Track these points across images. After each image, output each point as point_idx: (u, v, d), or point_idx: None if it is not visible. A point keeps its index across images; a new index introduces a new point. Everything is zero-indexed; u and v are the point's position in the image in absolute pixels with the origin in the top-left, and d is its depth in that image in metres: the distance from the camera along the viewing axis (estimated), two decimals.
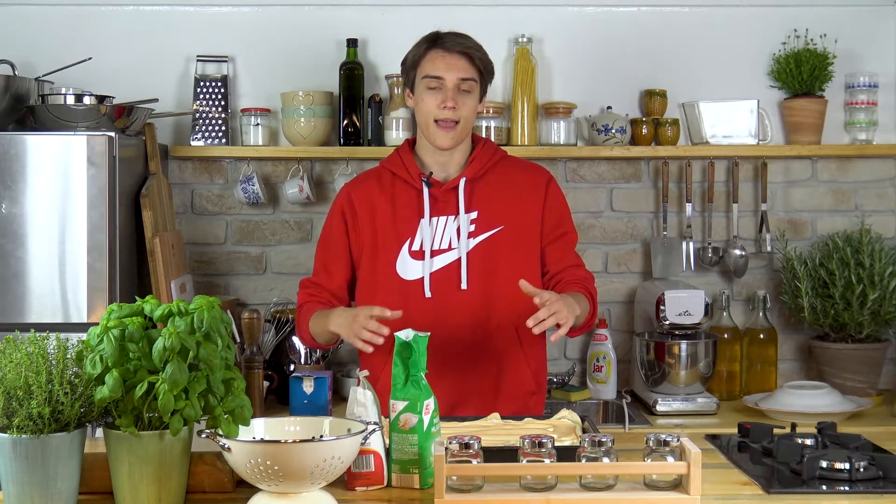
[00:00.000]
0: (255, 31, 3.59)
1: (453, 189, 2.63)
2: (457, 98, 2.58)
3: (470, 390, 2.59)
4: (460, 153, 2.67)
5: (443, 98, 2.57)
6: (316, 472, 1.76)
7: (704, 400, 3.27)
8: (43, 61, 3.36)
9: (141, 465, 1.79)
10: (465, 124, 2.61)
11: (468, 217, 2.62)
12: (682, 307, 3.29)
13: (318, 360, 3.31)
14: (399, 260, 2.62)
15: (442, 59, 2.59)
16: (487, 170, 2.67)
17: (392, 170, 2.68)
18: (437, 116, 2.58)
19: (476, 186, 2.65)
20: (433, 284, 2.59)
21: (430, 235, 2.61)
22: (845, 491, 1.96)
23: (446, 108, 2.57)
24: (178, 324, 1.80)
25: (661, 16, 3.61)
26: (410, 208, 2.64)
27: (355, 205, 2.67)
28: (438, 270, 2.60)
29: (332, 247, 2.71)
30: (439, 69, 2.59)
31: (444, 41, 2.61)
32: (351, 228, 2.68)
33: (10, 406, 1.75)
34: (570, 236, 2.71)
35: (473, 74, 2.61)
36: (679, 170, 3.59)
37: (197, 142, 3.52)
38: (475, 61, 2.61)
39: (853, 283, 3.32)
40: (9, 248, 2.98)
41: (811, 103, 3.52)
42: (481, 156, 2.67)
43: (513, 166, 2.72)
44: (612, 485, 1.87)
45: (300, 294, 2.73)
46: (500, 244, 2.62)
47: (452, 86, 2.58)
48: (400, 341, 2.01)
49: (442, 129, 2.59)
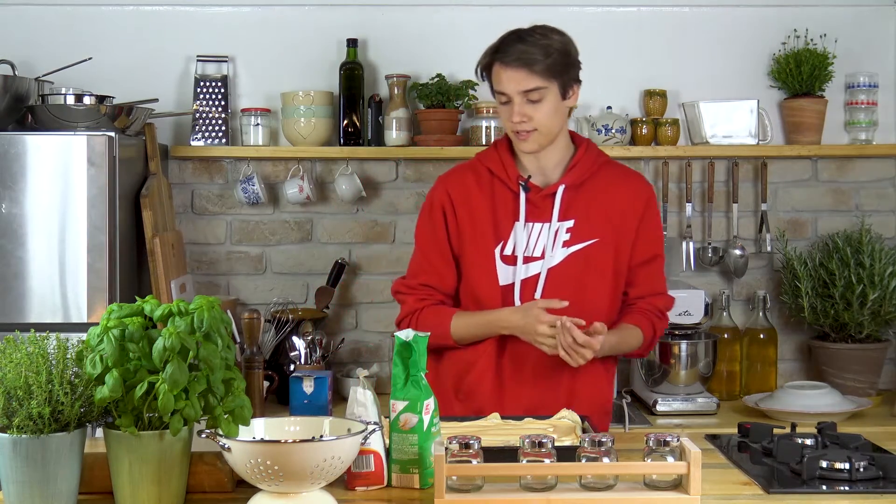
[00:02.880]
0: (255, 31, 3.59)
1: (550, 196, 2.54)
2: (524, 110, 2.46)
3: (545, 401, 2.51)
4: (557, 155, 2.57)
5: (510, 113, 2.49)
6: (316, 472, 1.76)
7: (704, 400, 3.27)
8: (43, 61, 3.36)
9: (141, 465, 1.79)
10: (544, 129, 2.50)
11: (563, 225, 2.53)
12: (682, 307, 3.29)
13: (318, 360, 3.31)
14: (496, 262, 2.55)
15: (503, 72, 2.47)
16: (588, 176, 2.56)
17: (490, 167, 2.59)
18: (513, 129, 2.51)
19: (575, 194, 2.55)
20: (522, 292, 2.52)
21: (525, 241, 2.53)
22: (845, 491, 1.96)
23: (515, 122, 2.48)
24: (178, 324, 1.80)
25: (661, 16, 3.61)
26: (506, 210, 2.55)
27: (454, 198, 2.58)
28: (528, 279, 2.53)
29: (437, 246, 2.59)
30: (502, 84, 2.48)
31: (503, 53, 2.48)
32: (451, 224, 2.57)
33: (10, 406, 1.75)
34: (660, 260, 2.63)
35: (537, 83, 2.45)
36: (679, 170, 3.59)
37: (197, 142, 3.52)
38: (536, 71, 2.45)
39: (853, 283, 3.32)
40: (9, 248, 2.98)
41: (811, 103, 3.52)
42: (584, 161, 2.56)
43: (615, 174, 2.61)
44: (612, 485, 1.87)
45: (408, 299, 2.60)
46: (592, 256, 2.54)
47: (519, 100, 2.46)
48: (400, 341, 2.01)
49: (521, 138, 2.51)
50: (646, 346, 2.62)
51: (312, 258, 3.60)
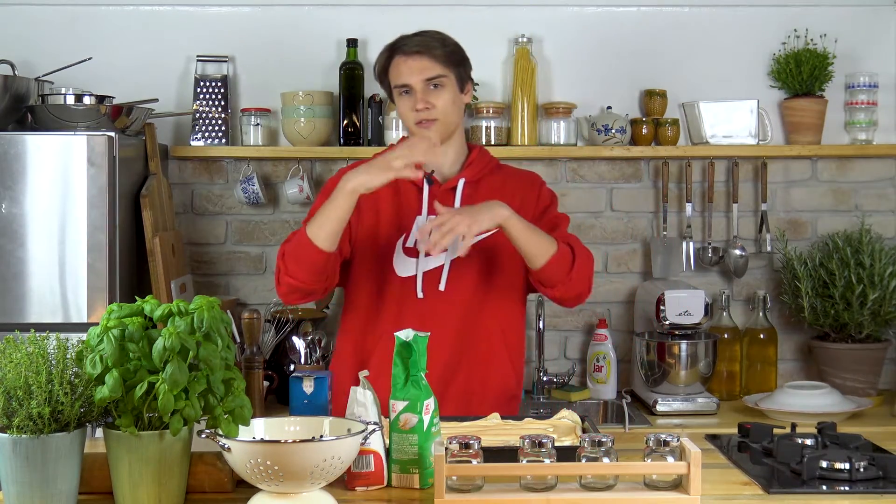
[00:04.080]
0: (255, 31, 3.59)
1: (451, 190, 2.62)
2: (427, 97, 2.56)
3: (453, 393, 2.56)
4: (453, 152, 2.66)
5: (412, 102, 2.56)
6: (316, 472, 1.76)
7: (704, 400, 3.27)
8: (43, 61, 3.36)
9: (141, 465, 1.79)
10: (445, 118, 2.58)
11: None
12: (682, 307, 3.29)
13: (318, 360, 3.31)
14: (395, 255, 2.60)
15: (404, 64, 2.57)
16: (484, 174, 2.66)
17: None
18: (415, 119, 2.57)
19: (473, 190, 2.63)
20: (425, 284, 2.58)
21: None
22: (845, 491, 1.96)
23: (418, 110, 2.55)
24: (178, 324, 1.80)
25: (660, 16, 3.61)
26: (409, 204, 2.62)
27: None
28: (430, 270, 2.59)
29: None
30: (403, 76, 2.57)
31: (401, 46, 2.59)
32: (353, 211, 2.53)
33: (10, 406, 1.75)
34: (564, 225, 2.64)
35: (439, 70, 2.56)
36: (679, 170, 3.59)
37: (197, 142, 3.52)
38: (437, 57, 2.57)
39: (853, 283, 3.32)
40: (9, 248, 2.97)
41: (811, 103, 3.52)
42: (479, 160, 2.67)
43: (507, 174, 2.72)
44: (612, 485, 1.87)
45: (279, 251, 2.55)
46: (495, 246, 2.60)
47: (420, 88, 2.56)
48: (400, 341, 2.01)
49: (423, 127, 2.57)
50: (567, 262, 2.50)
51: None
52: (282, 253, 2.54)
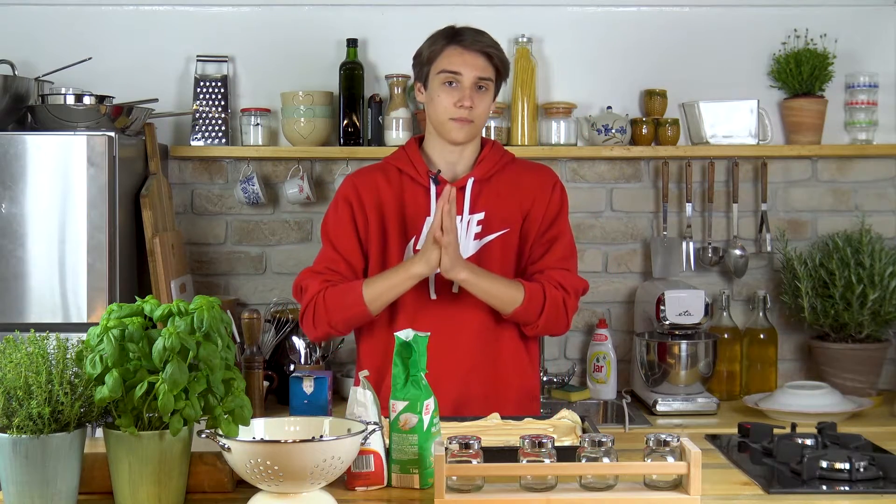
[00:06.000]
0: (255, 31, 3.59)
1: (461, 189, 2.57)
2: (473, 97, 2.52)
3: (473, 394, 2.55)
4: (470, 152, 2.62)
5: (460, 96, 2.51)
6: (316, 472, 1.76)
7: (704, 400, 3.27)
8: (43, 61, 3.36)
9: (141, 465, 1.79)
10: (479, 123, 2.56)
11: (474, 218, 2.57)
12: (682, 307, 3.30)
13: (318, 360, 3.32)
14: (407, 257, 2.56)
15: (460, 55, 2.53)
16: (496, 171, 2.62)
17: (399, 166, 2.62)
18: (453, 115, 2.52)
19: (484, 187, 2.59)
20: (437, 286, 2.55)
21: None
22: (845, 491, 1.96)
23: (462, 106, 2.51)
24: (178, 324, 1.80)
25: (660, 16, 3.61)
26: (417, 206, 2.58)
27: (362, 195, 2.59)
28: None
29: (343, 237, 2.59)
30: (456, 65, 2.52)
31: (462, 38, 2.55)
32: (359, 218, 2.58)
33: (10, 406, 1.75)
34: (564, 240, 2.62)
35: (491, 74, 2.54)
36: (679, 170, 3.59)
37: (197, 142, 3.52)
38: (493, 60, 2.54)
39: (853, 283, 3.32)
40: (9, 248, 2.98)
41: (811, 103, 3.52)
42: (490, 157, 2.62)
43: (521, 168, 2.67)
44: (612, 485, 1.87)
45: (312, 283, 2.55)
46: (505, 246, 2.58)
47: (470, 84, 2.52)
48: (400, 341, 2.01)
49: (458, 125, 2.53)
50: (535, 310, 2.51)
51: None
52: (323, 297, 2.52)
